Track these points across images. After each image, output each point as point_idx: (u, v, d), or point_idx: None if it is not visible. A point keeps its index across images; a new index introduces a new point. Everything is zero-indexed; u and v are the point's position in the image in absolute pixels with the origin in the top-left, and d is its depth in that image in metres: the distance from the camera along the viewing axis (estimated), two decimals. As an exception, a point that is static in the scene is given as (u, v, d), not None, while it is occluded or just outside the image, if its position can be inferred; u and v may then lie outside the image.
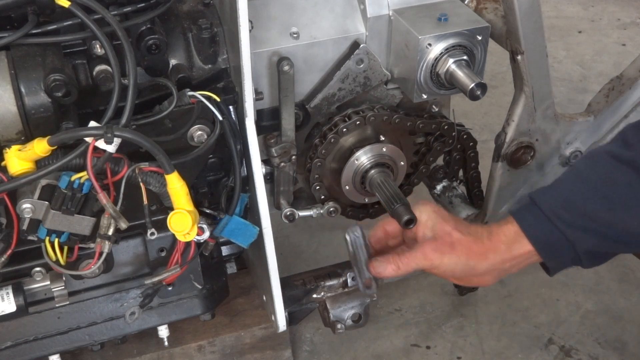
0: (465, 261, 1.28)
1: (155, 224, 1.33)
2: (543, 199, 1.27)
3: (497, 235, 1.29)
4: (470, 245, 1.29)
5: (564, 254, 1.25)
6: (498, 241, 1.28)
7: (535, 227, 1.26)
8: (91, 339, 1.48)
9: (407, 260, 1.30)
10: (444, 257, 1.28)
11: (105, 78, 1.29)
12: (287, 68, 1.43)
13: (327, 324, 1.64)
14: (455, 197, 1.81)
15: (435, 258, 1.29)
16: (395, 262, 1.31)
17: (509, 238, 1.28)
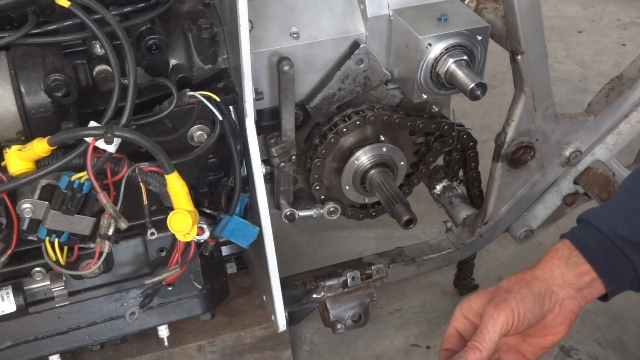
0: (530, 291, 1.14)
1: (155, 224, 1.33)
2: (598, 217, 1.17)
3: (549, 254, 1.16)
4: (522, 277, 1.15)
5: (625, 276, 1.15)
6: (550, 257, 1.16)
7: (594, 249, 1.15)
8: (91, 339, 1.48)
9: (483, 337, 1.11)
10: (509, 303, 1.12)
11: (105, 78, 1.29)
12: (287, 68, 1.43)
13: (327, 324, 1.64)
14: (455, 197, 1.81)
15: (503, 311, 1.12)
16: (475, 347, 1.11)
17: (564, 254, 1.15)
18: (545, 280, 1.14)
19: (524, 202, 1.76)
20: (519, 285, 1.13)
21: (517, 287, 1.13)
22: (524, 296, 1.12)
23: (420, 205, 2.09)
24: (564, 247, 1.15)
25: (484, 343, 1.10)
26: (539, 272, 1.14)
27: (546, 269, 1.15)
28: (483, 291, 1.16)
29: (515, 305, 1.11)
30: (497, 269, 2.07)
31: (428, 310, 1.97)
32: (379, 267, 1.67)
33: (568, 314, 1.15)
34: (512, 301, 1.12)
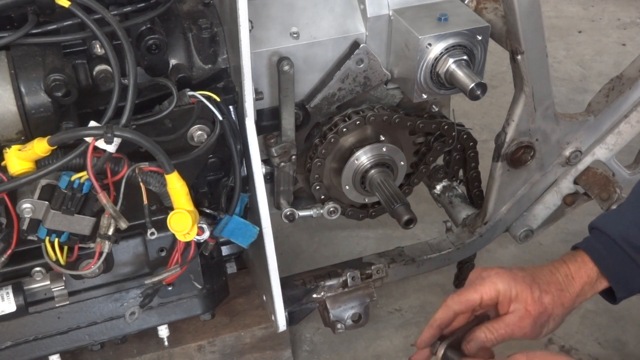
0: (562, 317, 1.24)
1: (155, 224, 1.33)
2: (610, 225, 1.21)
3: (580, 277, 1.22)
4: (562, 300, 1.22)
5: (635, 282, 1.20)
6: (582, 283, 1.22)
7: (607, 258, 1.20)
8: (91, 339, 1.48)
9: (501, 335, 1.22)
10: (544, 327, 1.22)
11: (105, 78, 1.29)
12: (287, 68, 1.43)
13: (327, 324, 1.64)
14: (455, 197, 1.81)
15: (535, 331, 1.22)
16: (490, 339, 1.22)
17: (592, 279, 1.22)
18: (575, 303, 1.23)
19: (524, 202, 1.76)
20: (558, 309, 1.20)
21: (557, 312, 1.21)
22: (557, 322, 1.22)
23: (420, 205, 2.09)
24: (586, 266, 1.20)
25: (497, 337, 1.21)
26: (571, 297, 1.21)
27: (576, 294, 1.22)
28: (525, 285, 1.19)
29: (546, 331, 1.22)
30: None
31: (428, 310, 1.97)
32: (379, 267, 1.67)
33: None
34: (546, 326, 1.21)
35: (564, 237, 2.17)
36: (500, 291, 1.21)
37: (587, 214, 2.16)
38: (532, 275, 1.22)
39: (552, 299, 1.20)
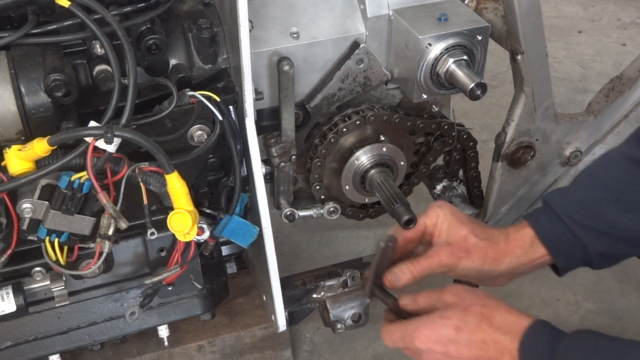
0: (481, 266, 1.29)
1: (155, 224, 1.33)
2: (557, 201, 1.27)
3: (514, 239, 1.29)
4: (487, 250, 1.29)
5: (576, 255, 1.26)
6: (515, 245, 1.29)
7: (549, 229, 1.27)
8: (91, 339, 1.48)
9: (422, 267, 1.31)
10: (459, 263, 1.29)
11: (105, 78, 1.29)
12: (287, 68, 1.43)
13: (327, 324, 1.64)
14: (455, 197, 1.81)
15: (450, 264, 1.30)
16: (410, 271, 1.32)
17: (526, 242, 1.28)
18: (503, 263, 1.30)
19: (524, 202, 1.76)
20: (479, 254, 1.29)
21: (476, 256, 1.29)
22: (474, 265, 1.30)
23: (420, 205, 2.07)
24: (527, 235, 1.28)
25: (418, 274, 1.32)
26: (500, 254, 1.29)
27: (506, 253, 1.29)
28: (458, 223, 1.30)
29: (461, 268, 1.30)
30: (497, 269, 2.06)
31: (428, 310, 1.96)
32: (379, 267, 1.67)
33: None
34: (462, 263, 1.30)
35: (564, 237, 2.17)
36: (438, 220, 1.32)
37: (587, 214, 2.17)
38: (471, 220, 1.32)
39: (477, 243, 1.28)
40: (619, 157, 1.25)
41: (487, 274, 1.31)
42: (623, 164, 1.23)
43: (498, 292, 1.98)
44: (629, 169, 1.22)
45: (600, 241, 1.23)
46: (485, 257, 1.29)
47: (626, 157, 1.23)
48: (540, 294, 2.00)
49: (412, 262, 1.32)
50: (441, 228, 1.31)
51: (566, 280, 2.03)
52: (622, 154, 1.25)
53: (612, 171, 1.25)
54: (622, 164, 1.23)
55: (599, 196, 1.23)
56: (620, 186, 1.22)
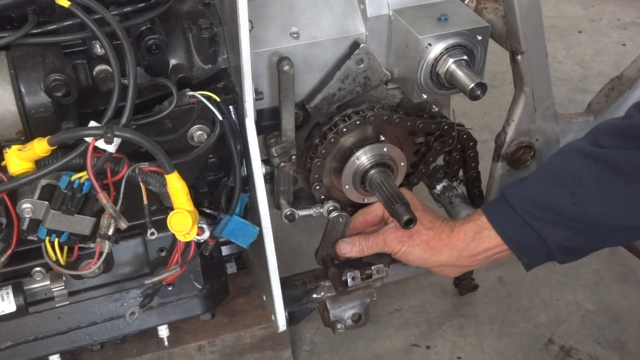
0: (420, 253, 1.41)
1: (155, 224, 1.33)
2: (513, 194, 1.32)
3: (457, 233, 1.37)
4: (428, 239, 1.41)
5: (537, 249, 1.31)
6: (457, 239, 1.37)
7: (505, 222, 1.32)
8: (91, 339, 1.48)
9: (370, 243, 1.46)
10: (402, 246, 1.43)
11: (105, 78, 1.29)
12: (287, 68, 1.43)
13: (327, 324, 1.64)
14: (455, 197, 1.81)
15: (394, 245, 1.44)
16: (360, 244, 1.47)
17: (468, 236, 1.36)
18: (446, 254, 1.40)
19: (524, 202, 1.76)
20: (420, 241, 1.41)
21: (417, 242, 1.41)
22: (413, 251, 1.42)
23: (420, 205, 2.09)
24: (473, 225, 1.36)
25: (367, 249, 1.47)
26: (441, 245, 1.40)
27: (450, 244, 1.39)
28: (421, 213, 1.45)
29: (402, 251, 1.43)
30: (497, 269, 2.07)
31: (428, 310, 1.97)
32: (379, 267, 1.67)
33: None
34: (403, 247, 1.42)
35: (564, 237, 2.18)
36: None
37: (587, 214, 2.17)
38: (423, 209, 1.46)
39: (419, 230, 1.42)
40: (573, 151, 1.28)
41: (426, 262, 1.40)
42: (577, 158, 1.26)
43: (497, 293, 2.00)
44: (583, 163, 1.25)
45: (559, 234, 1.27)
46: (426, 246, 1.40)
47: (581, 151, 1.26)
48: (540, 294, 2.00)
49: (364, 237, 1.47)
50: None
51: (566, 280, 2.03)
52: (577, 149, 1.27)
53: (567, 165, 1.28)
54: (577, 159, 1.26)
55: (554, 191, 1.27)
56: (575, 180, 1.25)
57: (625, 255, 2.06)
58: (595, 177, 1.23)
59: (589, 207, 1.23)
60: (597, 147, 1.24)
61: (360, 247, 1.47)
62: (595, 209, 1.23)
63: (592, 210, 1.23)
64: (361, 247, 1.47)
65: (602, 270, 2.06)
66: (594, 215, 1.24)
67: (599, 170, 1.22)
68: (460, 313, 1.96)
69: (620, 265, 2.07)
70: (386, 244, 1.45)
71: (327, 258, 1.54)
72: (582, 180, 1.24)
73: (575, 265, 2.04)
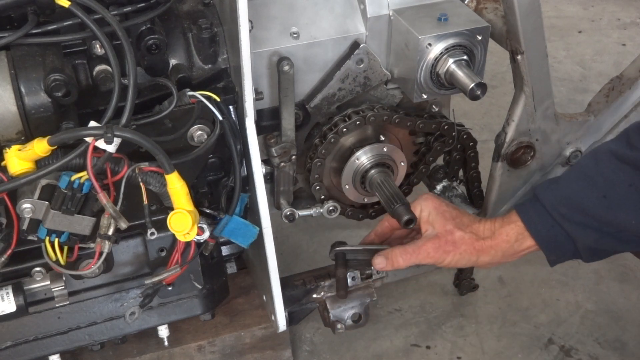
0: (468, 257, 1.37)
1: (155, 224, 1.33)
2: (546, 195, 1.31)
3: (500, 235, 1.36)
4: (473, 243, 1.36)
5: (565, 248, 1.31)
6: (501, 240, 1.36)
7: (538, 223, 1.32)
8: (91, 339, 1.48)
9: (409, 256, 1.38)
10: (447, 256, 1.37)
11: (105, 78, 1.29)
12: (287, 68, 1.43)
13: (327, 324, 1.64)
14: (455, 197, 1.81)
15: (439, 256, 1.37)
16: (396, 258, 1.39)
17: (511, 237, 1.35)
18: (490, 256, 1.37)
19: (524, 202, 1.76)
20: (465, 247, 1.36)
21: (463, 248, 1.36)
22: (461, 258, 1.37)
23: (420, 205, 2.09)
24: (515, 227, 1.34)
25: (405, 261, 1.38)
26: (487, 248, 1.36)
27: (493, 246, 1.36)
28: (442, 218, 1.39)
29: (449, 261, 1.37)
30: (497, 268, 2.07)
31: (428, 310, 1.97)
32: (379, 267, 1.67)
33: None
34: (450, 256, 1.36)
35: (564, 237, 2.17)
36: (422, 214, 1.41)
37: (587, 214, 2.17)
38: (455, 214, 1.40)
39: (463, 237, 1.36)
40: (606, 154, 1.26)
41: (474, 263, 1.39)
42: (610, 160, 1.25)
43: (497, 293, 2.00)
44: (616, 166, 1.23)
45: (588, 236, 1.27)
46: (472, 249, 1.36)
47: (614, 154, 1.25)
48: (540, 294, 2.00)
49: (401, 250, 1.39)
50: (427, 221, 1.40)
51: (566, 280, 2.03)
52: (610, 151, 1.26)
53: (599, 167, 1.26)
54: (610, 161, 1.25)
55: (586, 193, 1.26)
56: (607, 183, 1.24)
57: (625, 255, 2.06)
58: (628, 181, 1.21)
59: (619, 211, 1.22)
60: (630, 149, 1.22)
61: (397, 261, 1.39)
62: (626, 213, 1.22)
63: (623, 215, 1.22)
64: (398, 261, 1.39)
65: (602, 270, 2.06)
66: (624, 220, 1.22)
67: (632, 174, 1.21)
68: (460, 313, 1.96)
69: (620, 265, 2.07)
70: (428, 256, 1.37)
71: (340, 255, 1.51)
72: (615, 183, 1.23)
73: (575, 265, 2.04)
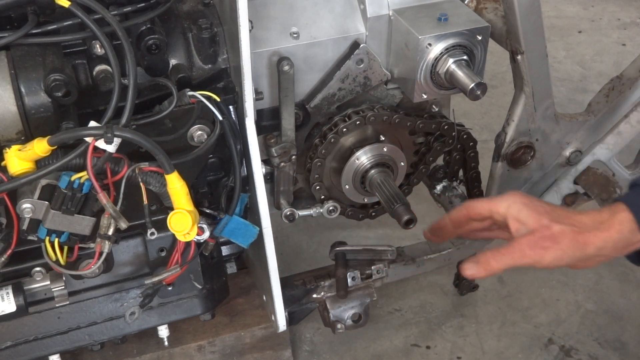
0: (572, 253, 1.19)
1: (155, 224, 1.33)
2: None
3: (612, 225, 1.19)
4: (576, 236, 1.20)
5: None
6: (614, 231, 1.19)
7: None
8: (91, 339, 1.48)
9: (504, 257, 1.21)
10: (546, 252, 1.19)
11: (105, 78, 1.29)
12: (287, 68, 1.43)
13: (327, 324, 1.64)
14: (455, 197, 1.81)
15: (535, 255, 1.19)
16: (489, 262, 1.22)
17: (625, 228, 1.19)
18: (598, 248, 1.18)
19: (524, 202, 1.76)
20: (568, 240, 1.18)
21: (565, 243, 1.18)
22: (564, 254, 1.18)
23: (420, 205, 2.08)
24: (625, 219, 1.17)
25: (498, 264, 1.19)
26: (595, 239, 1.18)
27: (603, 238, 1.18)
28: (535, 213, 1.20)
29: (550, 258, 1.18)
30: (497, 269, 2.07)
31: (428, 310, 1.97)
32: (379, 267, 1.67)
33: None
34: (551, 253, 1.18)
35: (564, 237, 2.17)
36: (508, 210, 1.22)
37: (587, 214, 2.17)
38: (549, 208, 1.22)
39: (563, 230, 1.18)
40: None
41: (578, 260, 1.21)
42: None
43: (497, 293, 2.00)
44: None
45: None
46: (576, 244, 1.19)
47: None
48: (540, 294, 2.00)
49: (492, 253, 1.22)
50: (517, 217, 1.22)
51: (566, 280, 2.03)
52: None
53: None
54: None
55: None
56: None
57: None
58: None
59: None
60: None
61: (490, 266, 1.22)
62: None
63: None
64: (491, 266, 1.22)
65: (602, 270, 2.06)
66: None
67: None
68: (460, 313, 1.96)
69: (620, 265, 2.07)
70: (525, 256, 1.20)
71: (340, 255, 1.48)
72: None
73: (575, 265, 2.04)
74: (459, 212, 1.32)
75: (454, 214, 1.33)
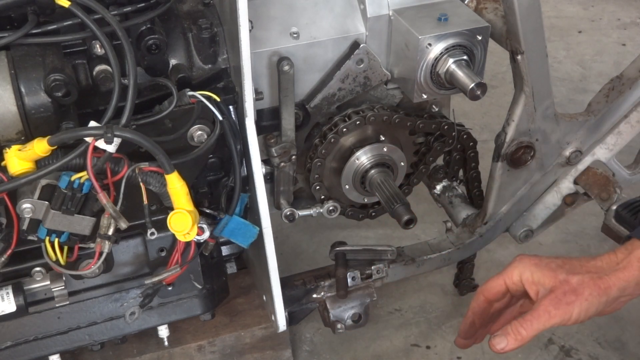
0: (597, 301, 1.16)
1: (155, 224, 1.33)
2: None
3: (630, 263, 1.18)
4: (596, 283, 1.17)
5: None
6: (633, 269, 1.18)
7: None
8: (91, 339, 1.48)
9: (531, 324, 1.16)
10: (572, 307, 1.16)
11: (105, 78, 1.29)
12: (287, 68, 1.43)
13: (327, 324, 1.64)
14: (455, 197, 1.81)
15: (562, 312, 1.16)
16: (517, 331, 1.17)
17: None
18: (621, 289, 1.15)
19: (524, 202, 1.76)
20: (590, 289, 1.15)
21: (588, 292, 1.14)
22: (590, 304, 1.15)
23: (420, 205, 2.09)
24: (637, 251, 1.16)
25: (528, 331, 1.14)
26: (616, 281, 1.15)
27: (624, 278, 1.15)
28: (549, 271, 1.17)
29: (577, 312, 1.14)
30: (497, 269, 2.06)
31: (428, 310, 1.97)
32: (379, 267, 1.67)
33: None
34: (576, 307, 1.14)
35: (564, 237, 2.18)
36: (522, 276, 1.20)
37: (587, 214, 2.17)
38: (560, 262, 1.20)
39: (582, 280, 1.16)
40: None
41: (606, 305, 1.18)
42: None
43: (498, 292, 1.99)
44: None
45: None
46: (598, 291, 1.16)
47: None
48: (540, 294, 2.00)
49: (518, 322, 1.17)
50: (532, 281, 1.19)
51: (566, 280, 2.03)
52: None
53: None
54: None
55: None
56: None
57: (625, 255, 2.06)
58: None
59: None
60: None
61: (520, 335, 1.16)
62: None
63: None
64: (521, 335, 1.16)
65: (602, 270, 2.05)
66: None
67: None
68: (460, 313, 1.95)
69: (620, 265, 2.07)
70: (552, 316, 1.15)
71: (340, 255, 1.47)
72: None
73: (575, 265, 2.04)
74: (476, 301, 1.27)
75: (474, 306, 1.28)
